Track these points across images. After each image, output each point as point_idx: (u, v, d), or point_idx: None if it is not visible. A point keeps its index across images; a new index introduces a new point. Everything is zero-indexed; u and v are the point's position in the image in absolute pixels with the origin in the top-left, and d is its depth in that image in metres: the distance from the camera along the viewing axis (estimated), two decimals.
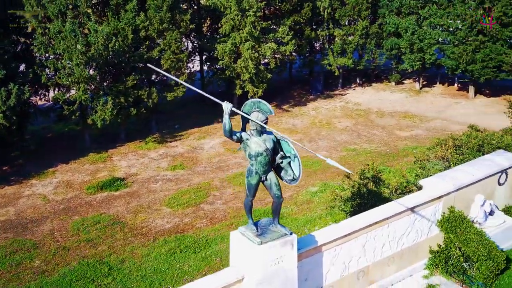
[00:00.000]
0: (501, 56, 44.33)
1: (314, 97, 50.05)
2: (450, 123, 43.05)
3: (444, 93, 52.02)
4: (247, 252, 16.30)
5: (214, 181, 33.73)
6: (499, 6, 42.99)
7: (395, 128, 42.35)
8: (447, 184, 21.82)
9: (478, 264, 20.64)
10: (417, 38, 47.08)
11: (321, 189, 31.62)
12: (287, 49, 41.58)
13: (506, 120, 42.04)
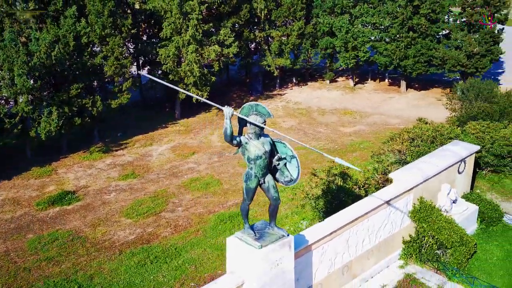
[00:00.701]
0: (431, 51, 46.67)
1: (254, 98, 50.29)
2: (388, 117, 44.75)
3: (377, 88, 54.01)
4: (246, 257, 16.16)
5: (170, 188, 33.07)
6: (427, 4, 45.22)
7: (338, 125, 43.46)
8: (416, 176, 22.73)
9: (451, 251, 21.62)
10: (351, 37, 48.56)
11: (280, 188, 31.71)
12: (231, 51, 41.53)
13: (439, 112, 44.54)
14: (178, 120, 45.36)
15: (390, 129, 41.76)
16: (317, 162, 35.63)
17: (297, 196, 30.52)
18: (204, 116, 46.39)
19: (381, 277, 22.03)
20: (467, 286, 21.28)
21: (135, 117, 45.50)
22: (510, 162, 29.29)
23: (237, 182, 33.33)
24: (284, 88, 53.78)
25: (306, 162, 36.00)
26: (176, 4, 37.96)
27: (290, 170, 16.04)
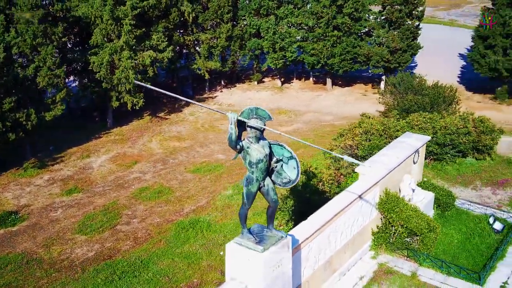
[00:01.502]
0: (356, 49, 48.54)
1: (186, 102, 49.73)
2: (321, 115, 46.01)
3: (304, 87, 55.31)
4: (249, 262, 16.06)
5: (120, 199, 31.98)
6: (350, 3, 46.99)
7: (276, 124, 43.98)
8: (381, 168, 23.62)
9: (421, 237, 22.65)
10: (279, 38, 49.36)
11: (235, 191, 31.79)
12: (165, 56, 40.80)
13: (366, 106, 46.47)
14: (111, 129, 43.86)
15: (325, 126, 43.11)
16: None
17: None
18: (138, 124, 45.21)
19: (357, 269, 22.69)
20: (437, 269, 22.43)
21: (65, 129, 43.40)
22: (450, 150, 31.18)
23: (188, 188, 32.88)
24: (213, 91, 53.65)
25: None
26: (108, 10, 36.69)
27: (287, 171, 16.10)
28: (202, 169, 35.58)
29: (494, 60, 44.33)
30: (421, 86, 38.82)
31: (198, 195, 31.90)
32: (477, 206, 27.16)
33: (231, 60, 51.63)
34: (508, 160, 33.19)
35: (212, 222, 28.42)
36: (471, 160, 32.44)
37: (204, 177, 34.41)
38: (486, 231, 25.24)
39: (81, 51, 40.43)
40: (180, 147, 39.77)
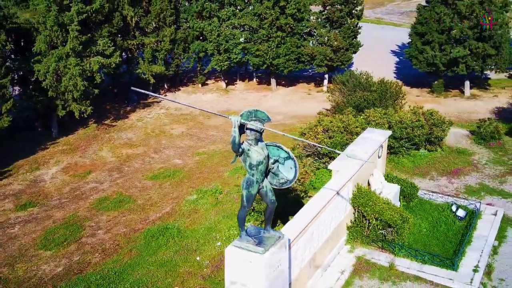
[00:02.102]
0: (300, 49, 49.39)
1: (132, 108, 48.73)
2: (271, 114, 45.97)
3: (248, 88, 55.63)
4: (250, 263, 16.13)
5: (80, 211, 30.91)
6: (292, 4, 47.74)
7: (228, 126, 43.98)
8: (354, 164, 24.25)
9: (396, 229, 23.47)
10: (223, 40, 49.37)
11: (199, 196, 31.54)
12: (113, 61, 39.78)
13: (312, 104, 47.51)
14: (57, 139, 42.21)
15: (277, 125, 43.53)
16: (223, 165, 35.95)
17: (221, 200, 30.65)
18: (84, 132, 43.78)
19: (337, 264, 23.20)
20: (413, 258, 23.33)
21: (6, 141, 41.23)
22: (405, 143, 32.46)
23: (150, 196, 32.28)
24: None
25: (211, 165, 36.11)
26: (52, 16, 35.30)
27: (284, 172, 16.25)
28: (160, 176, 35.03)
29: (432, 55, 46.51)
30: (369, 83, 40.09)
31: (161, 202, 31.39)
32: (437, 196, 28.43)
33: (175, 63, 51.04)
34: (457, 150, 35.00)
35: (182, 228, 28.07)
36: (424, 152, 33.92)
37: (164, 183, 33.89)
38: (451, 218, 26.49)
39: (22, 60, 38.60)
40: (133, 154, 38.92)
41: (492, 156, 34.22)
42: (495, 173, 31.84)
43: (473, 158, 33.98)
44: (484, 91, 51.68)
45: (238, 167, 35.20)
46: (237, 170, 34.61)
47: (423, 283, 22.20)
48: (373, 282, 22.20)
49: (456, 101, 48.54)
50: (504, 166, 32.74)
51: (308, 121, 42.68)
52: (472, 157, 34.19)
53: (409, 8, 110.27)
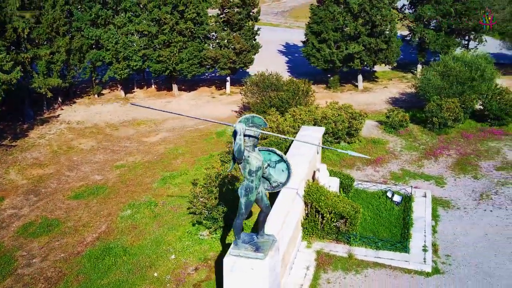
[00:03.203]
0: (202, 53, 49.26)
1: (29, 125, 45.30)
2: (181, 121, 45.77)
3: (149, 95, 54.27)
4: (252, 270, 16.11)
5: (5, 241, 28.27)
6: (191, 8, 47.48)
7: (140, 136, 42.75)
8: (303, 162, 24.96)
9: (349, 220, 24.52)
10: (122, 47, 47.75)
11: (134, 210, 30.37)
12: (13, 77, 36.74)
13: (220, 108, 47.72)
14: None
15: (191, 131, 43.26)
16: (148, 176, 34.93)
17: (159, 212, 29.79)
18: None
19: (300, 261, 23.75)
20: (367, 246, 24.57)
21: None
22: (330, 137, 33.89)
23: (79, 216, 30.44)
24: (53, 110, 49.62)
25: (136, 178, 34.90)
26: None
27: (275, 175, 16.36)
28: (84, 194, 33.13)
29: (329, 53, 48.85)
30: (280, 83, 41.16)
31: (93, 221, 29.76)
32: (370, 184, 30.10)
33: (71, 74, 48.31)
34: (373, 140, 37.21)
35: (127, 246, 26.88)
36: (345, 145, 35.62)
37: (90, 201, 32.12)
38: (389, 204, 28.22)
39: None
40: (45, 174, 36.32)
41: (405, 143, 36.88)
42: (412, 159, 34.36)
43: (388, 147, 36.37)
44: (374, 83, 55.34)
45: (165, 177, 34.43)
46: (166, 180, 33.84)
47: (382, 268, 23.47)
48: (338, 274, 23.03)
49: (352, 95, 51.41)
50: (418, 151, 35.45)
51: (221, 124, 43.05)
52: (388, 145, 36.59)
53: (280, 9, 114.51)
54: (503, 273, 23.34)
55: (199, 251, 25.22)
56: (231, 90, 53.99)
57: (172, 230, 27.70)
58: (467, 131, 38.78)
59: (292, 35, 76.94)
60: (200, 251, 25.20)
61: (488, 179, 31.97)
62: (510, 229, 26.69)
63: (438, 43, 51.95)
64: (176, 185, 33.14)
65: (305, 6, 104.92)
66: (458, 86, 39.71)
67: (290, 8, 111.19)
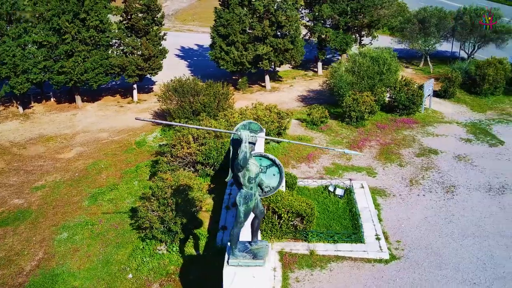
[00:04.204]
0: (108, 60, 47.26)
1: None
2: (93, 133, 43.64)
3: (50, 109, 50.83)
4: (254, 278, 15.95)
5: None
6: (93, 15, 45.37)
7: (53, 153, 40.04)
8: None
9: (306, 217, 25.00)
10: (20, 60, 44.43)
11: (71, 232, 28.50)
12: None
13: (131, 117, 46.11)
14: None
15: (108, 143, 41.44)
16: (75, 195, 32.96)
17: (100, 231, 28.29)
18: None
19: None
20: (325, 241, 25.19)
21: None
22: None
23: (9, 245, 28.08)
24: None
25: (62, 198, 32.77)
26: None
27: (266, 180, 16.25)
28: (7, 220, 30.47)
29: (238, 55, 49.15)
30: (198, 87, 40.68)
31: (28, 249, 27.51)
32: (310, 181, 30.82)
33: None
34: (299, 137, 38.05)
35: (74, 271, 25.22)
36: (276, 145, 36.08)
37: (17, 228, 29.62)
38: (332, 198, 29.08)
39: None
40: None
41: (329, 138, 38.18)
42: (338, 153, 35.65)
43: (315, 143, 37.42)
44: (280, 83, 56.58)
45: (94, 194, 32.72)
46: (96, 197, 32.15)
47: (344, 260, 24.21)
48: (304, 272, 23.35)
49: (262, 95, 52.14)
50: (342, 145, 36.86)
51: (138, 133, 41.77)
52: (313, 141, 37.63)
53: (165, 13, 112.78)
54: (450, 252, 25.08)
55: (159, 267, 24.28)
56: (138, 98, 52.37)
57: (120, 249, 26.39)
58: (381, 122, 41.02)
59: (186, 39, 76.53)
60: (160, 267, 24.26)
61: (412, 165, 34.09)
62: (445, 211, 28.71)
63: (337, 41, 54.31)
64: (109, 202, 31.56)
65: (189, 9, 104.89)
66: (368, 80, 41.87)
67: (174, 11, 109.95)
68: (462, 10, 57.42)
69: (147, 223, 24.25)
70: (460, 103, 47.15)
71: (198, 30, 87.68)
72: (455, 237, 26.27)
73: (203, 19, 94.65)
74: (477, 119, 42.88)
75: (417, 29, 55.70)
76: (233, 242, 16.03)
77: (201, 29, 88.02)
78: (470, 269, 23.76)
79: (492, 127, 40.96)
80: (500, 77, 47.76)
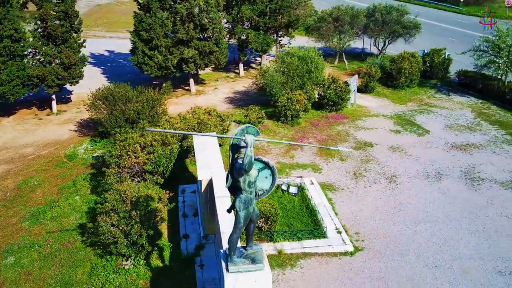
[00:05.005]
0: (24, 72, 44.53)
1: None
2: (16, 149, 40.83)
3: None
4: (255, 283, 15.89)
5: None
6: (7, 24, 42.58)
7: None
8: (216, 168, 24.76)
9: (271, 218, 25.17)
10: None
11: (18, 256, 26.61)
12: None
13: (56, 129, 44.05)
14: None
15: (36, 159, 39.18)
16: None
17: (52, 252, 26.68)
18: None
19: None
20: (289, 239, 25.49)
21: None
22: None
23: None
24: None
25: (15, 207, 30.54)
26: None
27: (259, 183, 16.15)
28: None
29: (163, 59, 48.26)
30: (128, 94, 39.45)
31: None
32: None
33: None
34: None
35: None
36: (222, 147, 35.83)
37: None
38: (287, 196, 29.47)
39: None
40: None
41: (268, 138, 38.49)
42: (281, 152, 36.14)
43: (256, 143, 37.51)
44: (203, 86, 56.25)
45: (34, 213, 30.73)
46: (36, 217, 30.27)
47: (312, 257, 24.64)
48: (276, 272, 23.48)
49: (189, 99, 51.53)
50: (281, 145, 37.30)
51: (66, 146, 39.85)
52: None
53: None
54: (407, 239, 26.32)
55: (127, 283, 23.30)
56: (57, 109, 49.80)
57: (77, 268, 25.05)
58: (314, 120, 42.07)
59: (95, 45, 73.76)
60: (128, 282, 23.30)
61: (352, 159, 35.29)
62: (392, 200, 30.06)
63: (258, 42, 54.92)
64: (52, 220, 29.82)
65: (90, 14, 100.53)
66: (298, 79, 42.75)
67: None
68: (372, 8, 60.21)
69: (111, 239, 23.17)
70: (381, 97, 49.45)
71: (106, 36, 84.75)
72: (408, 224, 27.56)
73: (107, 24, 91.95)
74: (401, 111, 45.23)
75: (332, 28, 57.67)
76: (232, 248, 15.78)
77: (108, 34, 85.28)
78: (429, 253, 25.05)
79: (416, 118, 43.39)
80: (415, 70, 50.65)
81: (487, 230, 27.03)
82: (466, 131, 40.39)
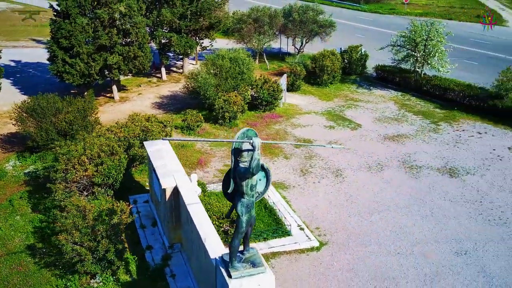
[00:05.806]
0: None
1: None
2: None
3: None
4: (259, 287, 15.70)
5: None
6: None
7: None
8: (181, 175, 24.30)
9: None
10: None
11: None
12: None
13: None
14: None
15: None
16: None
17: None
18: None
19: None
20: (256, 240, 25.53)
21: None
22: None
23: None
24: None
25: None
26: None
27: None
28: None
29: (85, 67, 46.28)
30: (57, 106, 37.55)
31: None
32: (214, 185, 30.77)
33: None
34: (180, 144, 37.31)
35: None
36: None
37: None
38: None
39: None
40: None
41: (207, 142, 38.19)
42: (226, 154, 36.03)
43: (198, 148, 37.18)
44: (126, 92, 54.58)
45: None
46: None
47: (281, 255, 24.88)
48: None
49: (115, 107, 49.87)
50: (225, 146, 37.18)
51: None
52: (196, 147, 37.35)
53: None
54: (365, 229, 27.31)
55: None
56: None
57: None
58: (250, 120, 42.33)
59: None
60: None
61: (296, 156, 35.93)
62: (343, 193, 31.02)
63: (181, 45, 54.26)
64: None
65: None
66: (231, 81, 42.79)
67: None
68: (288, 8, 61.47)
69: (76, 257, 21.95)
70: (307, 95, 50.67)
71: (8, 45, 79.77)
72: (363, 215, 28.55)
73: (5, 33, 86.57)
74: (330, 107, 46.64)
75: (252, 29, 58.23)
76: (234, 254, 15.59)
77: (9, 43, 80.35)
78: (389, 241, 26.12)
79: (345, 113, 44.95)
80: (336, 67, 52.41)
81: (435, 214, 28.62)
82: (394, 123, 42.44)
